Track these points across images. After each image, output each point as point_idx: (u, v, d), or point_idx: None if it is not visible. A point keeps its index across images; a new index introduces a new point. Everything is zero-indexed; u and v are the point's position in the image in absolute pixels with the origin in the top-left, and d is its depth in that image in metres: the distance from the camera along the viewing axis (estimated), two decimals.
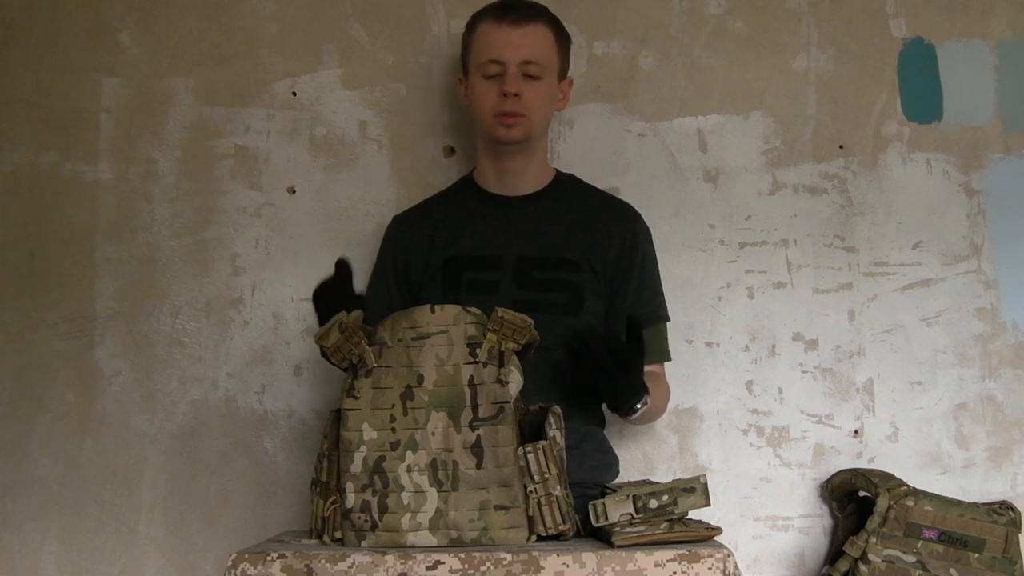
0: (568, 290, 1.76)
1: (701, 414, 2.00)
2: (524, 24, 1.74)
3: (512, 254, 1.78)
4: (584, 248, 1.79)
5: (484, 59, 1.75)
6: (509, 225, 1.81)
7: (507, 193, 1.84)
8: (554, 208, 1.83)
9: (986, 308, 2.02)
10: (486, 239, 1.80)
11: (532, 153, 1.83)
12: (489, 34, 1.75)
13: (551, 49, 1.77)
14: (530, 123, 1.75)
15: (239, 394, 2.02)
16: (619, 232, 1.82)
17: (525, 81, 1.73)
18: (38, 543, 1.99)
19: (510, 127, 1.74)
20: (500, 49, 1.73)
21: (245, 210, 2.06)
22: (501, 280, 1.76)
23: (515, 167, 1.82)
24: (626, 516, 1.43)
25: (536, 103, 1.75)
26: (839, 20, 2.09)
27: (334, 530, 1.43)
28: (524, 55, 1.73)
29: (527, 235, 1.80)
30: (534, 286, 1.75)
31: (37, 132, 2.08)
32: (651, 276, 1.85)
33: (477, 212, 1.83)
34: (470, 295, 1.73)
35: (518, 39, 1.73)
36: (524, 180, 1.84)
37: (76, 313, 2.04)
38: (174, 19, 2.10)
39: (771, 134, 2.06)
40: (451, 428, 1.41)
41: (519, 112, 1.73)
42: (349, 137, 2.08)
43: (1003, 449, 1.99)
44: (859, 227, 2.04)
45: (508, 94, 1.72)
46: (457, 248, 1.79)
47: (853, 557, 1.76)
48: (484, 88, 1.75)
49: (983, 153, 2.06)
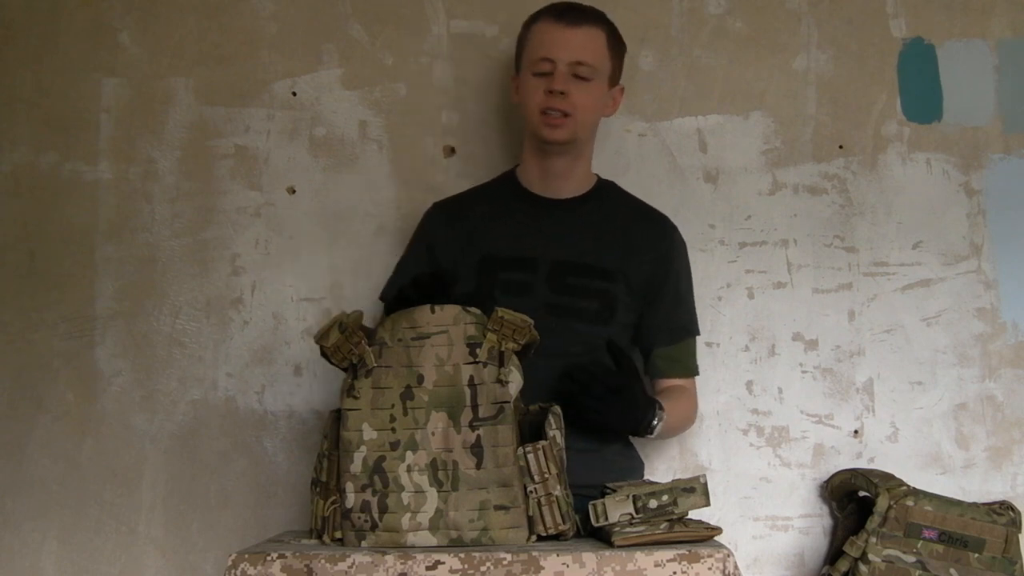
0: (601, 299, 1.76)
1: (701, 414, 1.99)
2: (579, 25, 1.74)
3: (547, 257, 1.78)
4: (620, 258, 1.79)
5: (536, 56, 1.75)
6: (547, 228, 1.81)
7: (549, 195, 1.84)
8: (593, 215, 1.83)
9: (986, 308, 2.02)
10: (523, 239, 1.80)
11: (577, 156, 1.83)
12: (544, 32, 1.76)
13: (603, 53, 1.77)
14: (575, 124, 1.75)
15: (239, 394, 2.02)
16: (655, 245, 1.83)
17: (574, 82, 1.73)
18: (38, 543, 1.99)
19: (555, 127, 1.74)
20: (552, 47, 1.73)
21: (245, 210, 2.06)
22: (535, 282, 1.76)
23: (559, 169, 1.82)
24: (626, 516, 1.43)
25: (583, 104, 1.75)
26: (839, 20, 2.09)
27: (334, 530, 1.43)
28: (576, 56, 1.73)
29: (564, 240, 1.79)
30: (568, 291, 1.76)
31: (37, 132, 2.08)
32: (685, 291, 1.86)
33: (517, 211, 1.83)
34: (504, 295, 1.73)
35: (571, 39, 1.73)
36: (567, 183, 1.84)
37: (76, 313, 2.04)
38: (174, 19, 2.10)
39: (771, 134, 2.06)
40: (451, 428, 1.41)
41: (565, 110, 1.73)
42: (349, 137, 2.08)
43: (1003, 449, 1.99)
44: (859, 227, 2.04)
45: (555, 92, 1.71)
46: (494, 246, 1.79)
47: (853, 557, 1.76)
48: (533, 85, 1.75)
49: (983, 153, 2.06)
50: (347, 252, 2.03)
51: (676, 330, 1.83)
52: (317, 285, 2.04)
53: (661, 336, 1.83)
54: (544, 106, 1.73)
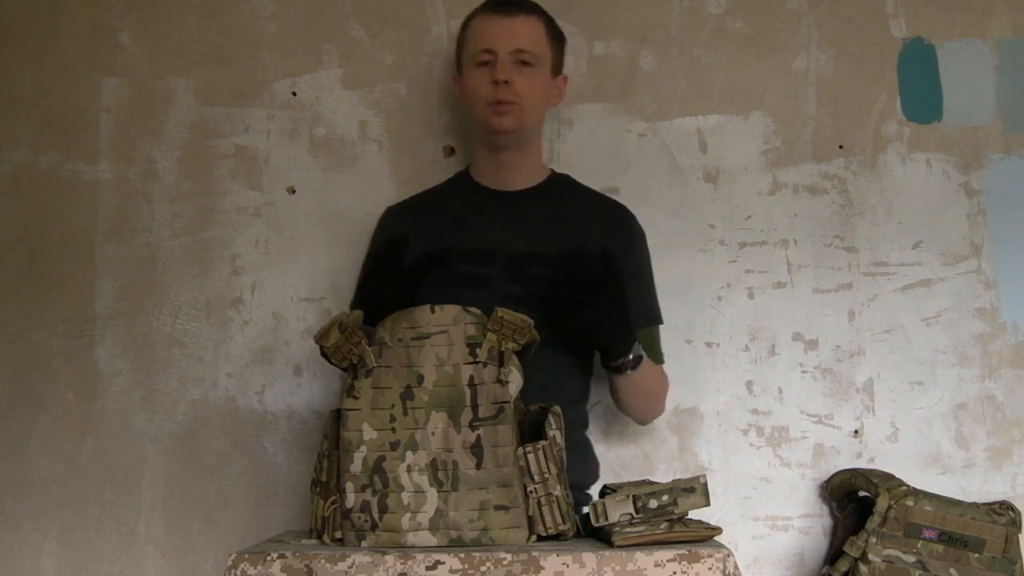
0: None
1: (701, 414, 2.00)
2: (516, 15, 1.77)
3: (505, 249, 1.78)
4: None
5: (477, 49, 1.77)
6: (504, 220, 1.81)
7: (502, 188, 1.85)
8: (549, 205, 1.84)
9: (986, 308, 2.02)
10: (479, 232, 1.80)
11: (526, 147, 1.84)
12: (482, 26, 1.78)
13: (542, 41, 1.79)
14: (522, 112, 1.76)
15: (239, 394, 2.02)
16: (614, 234, 1.82)
17: (517, 70, 1.75)
18: (38, 543, 1.99)
19: (503, 115, 1.75)
20: (492, 39, 1.76)
21: (245, 210, 2.06)
22: (493, 274, 1.76)
23: (510, 160, 1.83)
24: (626, 516, 1.43)
25: (528, 92, 1.76)
26: (839, 20, 2.09)
27: (334, 530, 1.43)
28: (515, 44, 1.75)
29: (521, 230, 1.80)
30: (528, 282, 1.75)
31: (37, 132, 2.08)
32: (645, 278, 1.85)
33: (472, 205, 1.84)
34: (463, 288, 1.73)
35: (510, 29, 1.76)
36: (519, 174, 1.85)
37: (76, 313, 2.04)
38: (174, 19, 2.10)
39: (771, 134, 2.07)
40: (451, 428, 1.41)
41: (511, 100, 1.74)
42: (349, 137, 2.08)
43: (1003, 449, 1.99)
44: (859, 227, 2.04)
45: (499, 81, 1.73)
46: (451, 240, 1.79)
47: (853, 557, 1.76)
48: (477, 78, 1.77)
49: (983, 153, 2.06)
50: (347, 252, 2.03)
51: (640, 316, 1.78)
52: (317, 285, 2.04)
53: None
54: (491, 98, 1.75)
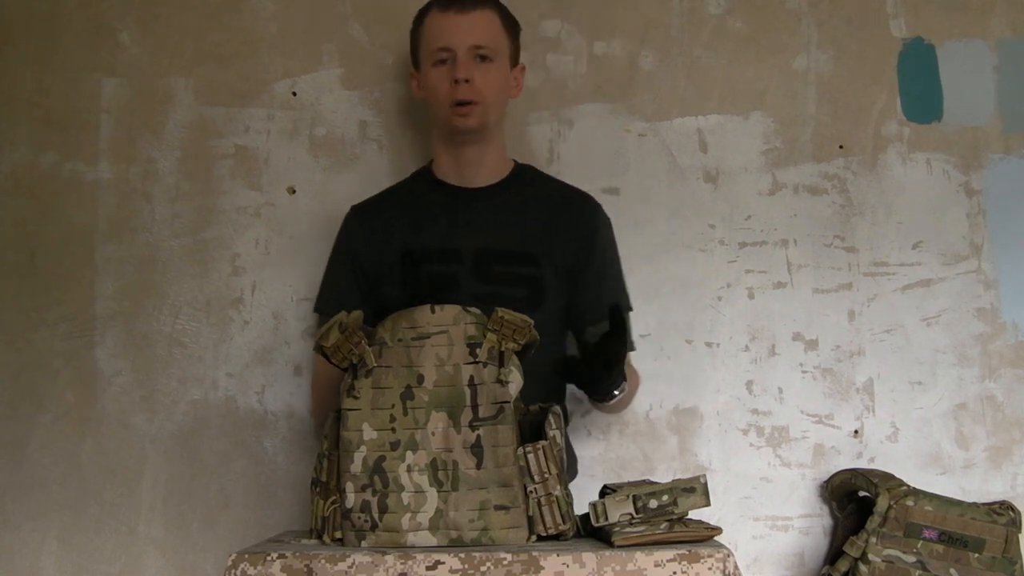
0: (529, 284, 1.75)
1: (701, 414, 2.00)
2: (470, 10, 1.75)
3: (471, 247, 1.77)
4: (544, 242, 1.78)
5: (434, 47, 1.76)
6: (467, 217, 1.80)
7: (464, 184, 1.83)
8: (513, 200, 1.82)
9: (986, 308, 2.02)
10: (444, 232, 1.79)
11: (489, 142, 1.82)
12: (437, 23, 1.76)
13: (499, 34, 1.78)
14: (485, 110, 1.75)
15: (239, 394, 2.02)
16: (579, 225, 1.81)
17: (477, 66, 1.74)
18: (38, 543, 1.99)
19: (466, 116, 1.74)
20: (449, 36, 1.74)
21: (245, 210, 2.06)
22: (460, 273, 1.75)
23: (472, 156, 1.82)
24: (626, 516, 1.43)
25: (489, 88, 1.75)
26: (839, 20, 2.09)
27: (334, 530, 1.43)
28: (473, 40, 1.74)
29: (486, 228, 1.79)
30: (494, 280, 1.75)
31: (37, 132, 2.08)
32: (612, 267, 1.84)
33: (435, 204, 1.82)
34: (431, 289, 1.72)
35: (466, 25, 1.74)
36: (481, 170, 1.83)
37: (76, 313, 2.04)
38: (174, 19, 2.10)
39: (771, 134, 2.06)
40: (451, 428, 1.41)
41: (473, 99, 1.73)
42: (349, 137, 2.08)
43: (1003, 449, 1.99)
44: (859, 227, 2.04)
45: (460, 80, 1.72)
46: (415, 241, 1.78)
47: (853, 557, 1.76)
48: (437, 77, 1.76)
49: (983, 153, 2.06)
50: None
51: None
52: (317, 285, 2.03)
53: (593, 313, 1.76)
54: (452, 99, 1.73)
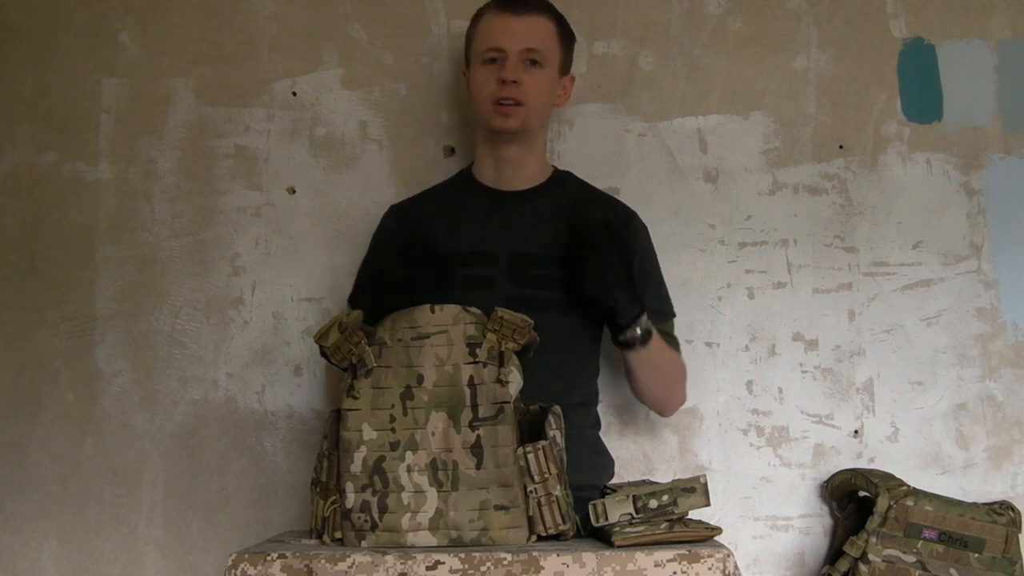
0: (563, 288, 1.75)
1: (701, 414, 1.99)
2: (526, 14, 1.75)
3: (507, 250, 1.77)
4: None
5: (485, 47, 1.76)
6: (504, 221, 1.80)
7: (503, 187, 1.83)
8: (550, 205, 1.82)
9: (986, 308, 2.02)
10: (481, 234, 1.79)
11: (530, 145, 1.82)
12: (492, 24, 1.76)
13: (552, 41, 1.78)
14: (528, 112, 1.75)
15: (239, 394, 2.02)
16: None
17: (526, 69, 1.74)
18: (38, 543, 1.99)
19: (507, 116, 1.74)
20: (501, 37, 1.74)
21: (245, 210, 2.06)
22: (496, 276, 1.75)
23: (512, 157, 1.81)
24: (626, 516, 1.43)
25: (535, 92, 1.75)
26: (839, 20, 2.09)
27: (334, 530, 1.43)
28: (525, 43, 1.74)
29: (522, 231, 1.79)
30: (529, 283, 1.75)
31: (37, 132, 2.08)
32: (650, 274, 1.84)
33: (473, 206, 1.83)
34: (466, 291, 1.72)
35: (520, 28, 1.74)
36: (521, 173, 1.83)
37: (76, 313, 2.04)
38: (174, 19, 2.10)
39: (771, 134, 2.06)
40: (451, 428, 1.41)
41: (517, 100, 1.73)
42: (349, 137, 2.08)
43: (1003, 449, 1.99)
44: (859, 227, 2.04)
45: (507, 81, 1.72)
46: (452, 243, 1.78)
47: (853, 557, 1.76)
48: (484, 75, 1.76)
49: (983, 153, 2.06)
50: (347, 252, 2.03)
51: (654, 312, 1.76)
52: (317, 285, 2.04)
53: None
54: (497, 96, 1.73)
